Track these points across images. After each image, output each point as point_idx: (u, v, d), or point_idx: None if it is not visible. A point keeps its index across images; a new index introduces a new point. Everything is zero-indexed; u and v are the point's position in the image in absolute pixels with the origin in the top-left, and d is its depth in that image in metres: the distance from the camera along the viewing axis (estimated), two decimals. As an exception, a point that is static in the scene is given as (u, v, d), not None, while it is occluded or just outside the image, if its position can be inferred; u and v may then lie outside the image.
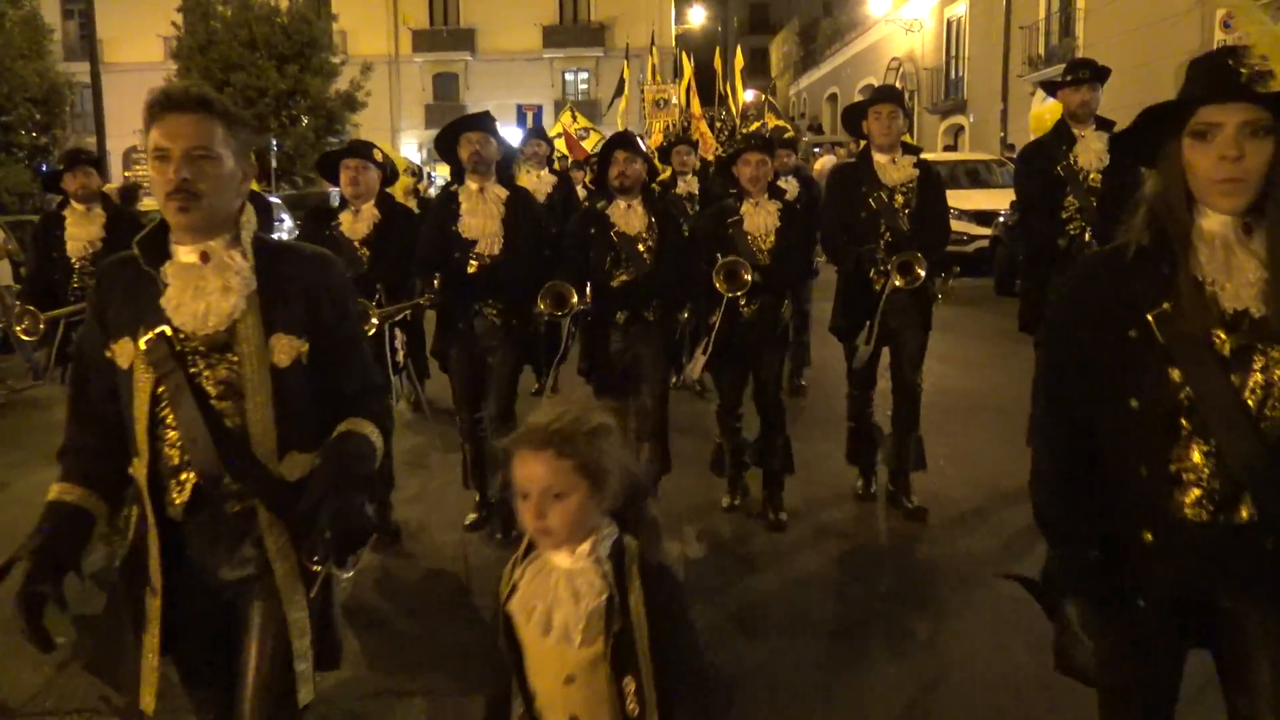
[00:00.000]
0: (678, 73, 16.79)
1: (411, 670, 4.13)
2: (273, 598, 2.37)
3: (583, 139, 13.86)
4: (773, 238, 5.49)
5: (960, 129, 31.26)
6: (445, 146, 5.43)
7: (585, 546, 1.99)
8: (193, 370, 2.29)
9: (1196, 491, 2.03)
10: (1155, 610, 2.13)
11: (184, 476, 2.31)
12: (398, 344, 5.30)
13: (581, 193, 9.15)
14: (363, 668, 4.12)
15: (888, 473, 5.99)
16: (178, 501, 2.33)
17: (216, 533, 2.36)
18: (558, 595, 1.98)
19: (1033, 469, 2.32)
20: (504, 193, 5.37)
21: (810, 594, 4.86)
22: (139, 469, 2.35)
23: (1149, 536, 2.08)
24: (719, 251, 5.43)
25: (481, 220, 5.29)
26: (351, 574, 2.37)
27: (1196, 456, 2.03)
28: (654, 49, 19.25)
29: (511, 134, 17.41)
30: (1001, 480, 6.15)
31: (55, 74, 24.18)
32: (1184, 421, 2.03)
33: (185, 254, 2.32)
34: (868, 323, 5.54)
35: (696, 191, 8.58)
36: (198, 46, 27.94)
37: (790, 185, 8.08)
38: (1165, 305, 2.02)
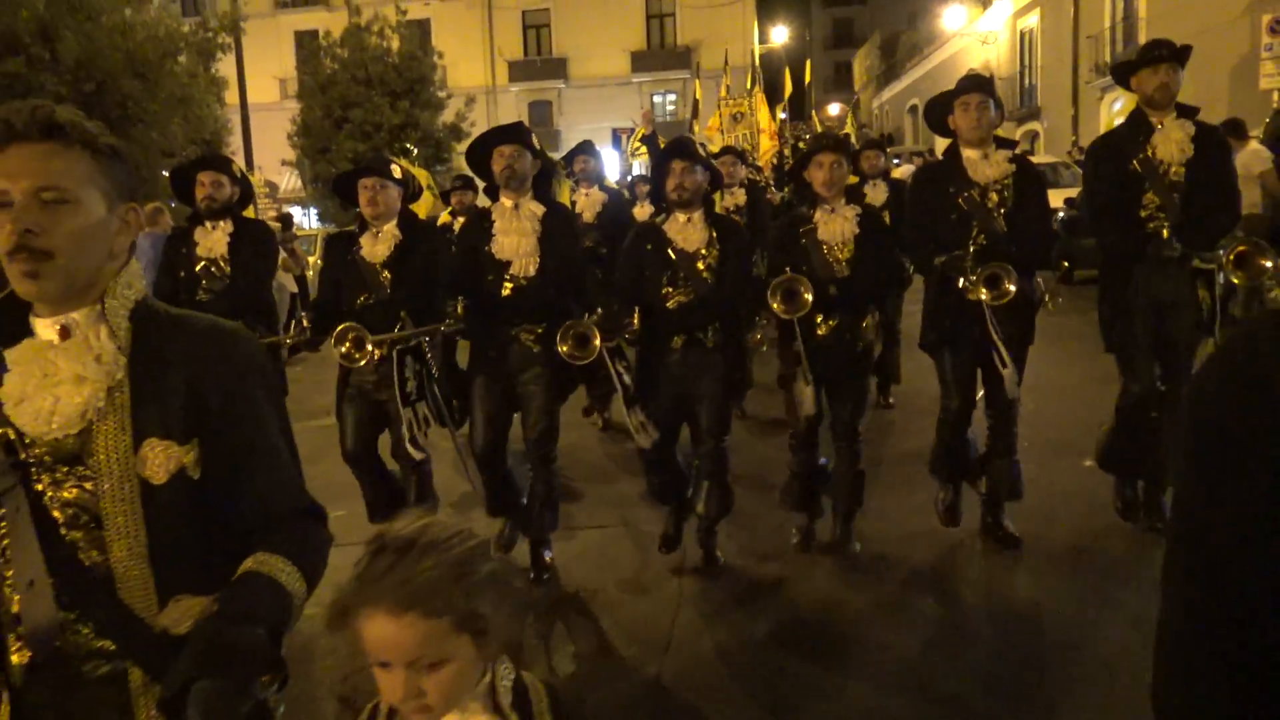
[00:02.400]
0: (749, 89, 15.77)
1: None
2: None
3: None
4: (851, 247, 4.48)
5: (1035, 135, 30.47)
6: (477, 160, 4.52)
7: (477, 703, 1.41)
8: (38, 488, 1.57)
9: None
10: None
11: (24, 629, 1.56)
12: (408, 373, 4.37)
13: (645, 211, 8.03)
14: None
15: (980, 500, 4.85)
16: (16, 661, 1.57)
17: (71, 703, 1.59)
18: None
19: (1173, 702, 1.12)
20: (540, 209, 4.44)
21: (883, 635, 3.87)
22: None
23: None
24: (790, 265, 4.41)
25: (516, 239, 4.38)
26: None
27: None
28: (727, 67, 18.12)
29: (609, 156, 16.64)
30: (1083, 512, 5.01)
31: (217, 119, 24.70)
32: None
33: (45, 328, 1.61)
34: (996, 347, 4.43)
35: (744, 204, 7.45)
36: (318, 86, 28.17)
37: (878, 190, 7.01)
38: None
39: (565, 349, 4.22)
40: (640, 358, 4.63)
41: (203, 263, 4.99)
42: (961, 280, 4.35)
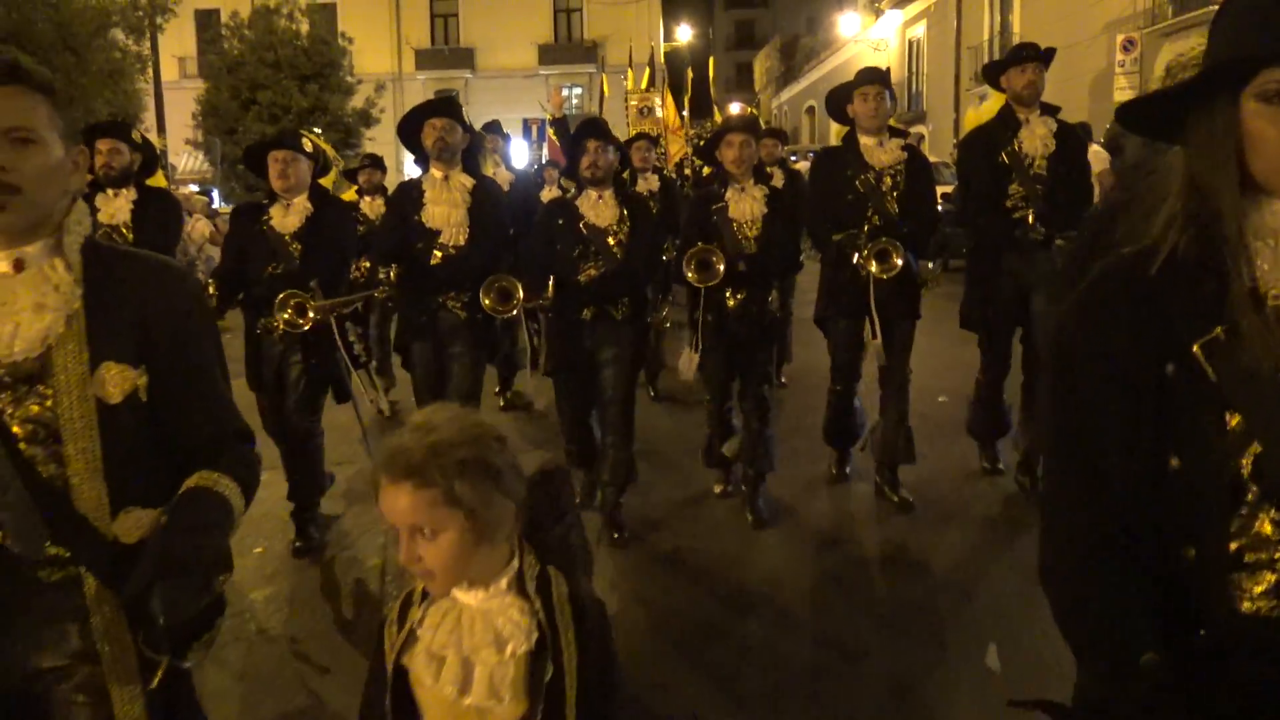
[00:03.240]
0: (656, 84, 15.91)
1: None
2: (98, 689, 1.68)
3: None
4: (759, 225, 4.67)
5: (921, 137, 31.50)
6: (409, 133, 4.59)
7: (503, 581, 1.50)
8: None
9: (1270, 577, 1.30)
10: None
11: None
12: (351, 338, 4.43)
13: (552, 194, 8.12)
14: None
15: (875, 464, 5.15)
16: None
17: (28, 606, 1.67)
18: (475, 642, 1.47)
19: (1045, 560, 1.47)
20: (470, 182, 4.55)
21: (795, 591, 4.10)
22: None
23: (1204, 633, 1.34)
24: (702, 241, 4.61)
25: (446, 210, 4.47)
26: (196, 663, 1.64)
27: (1267, 529, 1.29)
28: (632, 63, 18.28)
29: (519, 146, 16.57)
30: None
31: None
32: (1250, 484, 1.29)
33: None
34: (859, 309, 4.73)
35: (657, 189, 7.60)
36: (225, 67, 27.34)
37: (775, 178, 7.23)
38: (1217, 331, 1.29)
39: (489, 302, 4.35)
40: (551, 328, 4.76)
41: (104, 229, 4.86)
42: (855, 256, 4.62)
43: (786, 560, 4.45)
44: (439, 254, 4.46)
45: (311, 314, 4.21)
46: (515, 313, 4.43)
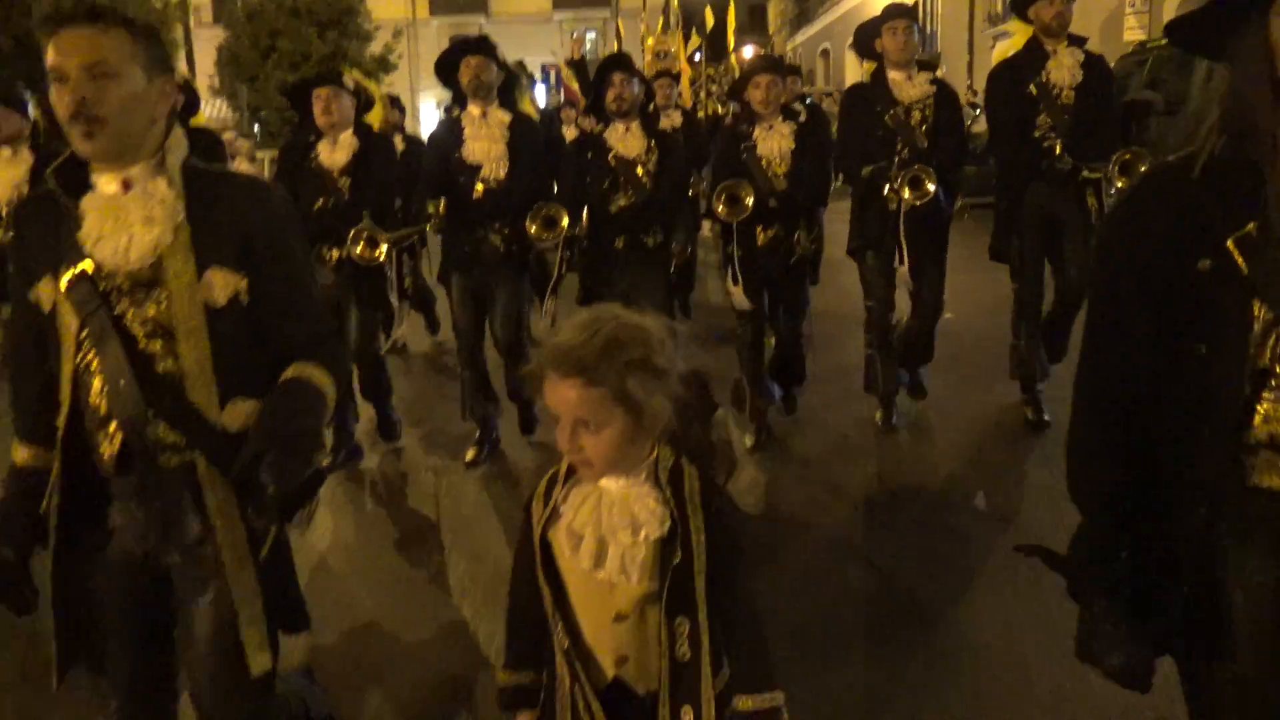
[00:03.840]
0: (671, 26, 15.67)
1: (398, 632, 3.42)
2: (214, 560, 1.89)
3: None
4: (788, 161, 4.70)
5: None
6: (446, 71, 4.64)
7: (641, 471, 1.58)
8: (118, 310, 1.84)
9: None
10: (1245, 603, 1.50)
11: (112, 428, 1.85)
12: (405, 270, 4.57)
13: (571, 134, 8.09)
14: (343, 630, 3.41)
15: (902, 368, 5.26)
16: (106, 455, 1.86)
17: (150, 489, 1.88)
18: (612, 524, 1.57)
19: (1072, 432, 1.69)
20: (506, 117, 4.62)
21: (818, 546, 4.04)
22: (60, 418, 1.89)
23: (1203, 511, 1.51)
24: (731, 178, 4.65)
25: (485, 145, 4.55)
26: (302, 531, 1.86)
27: None
28: (645, 4, 18.02)
29: (538, 92, 16.50)
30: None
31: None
32: (1275, 368, 1.44)
33: (105, 184, 1.86)
34: (890, 240, 4.74)
35: (680, 125, 7.60)
36: (245, 15, 27.07)
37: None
38: (1250, 226, 1.43)
39: (535, 229, 4.46)
40: (586, 258, 4.87)
41: None
42: (886, 187, 4.65)
43: (823, 489, 4.49)
44: (480, 187, 4.54)
45: (383, 246, 4.32)
46: (559, 241, 4.51)
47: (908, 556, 3.78)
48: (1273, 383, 1.43)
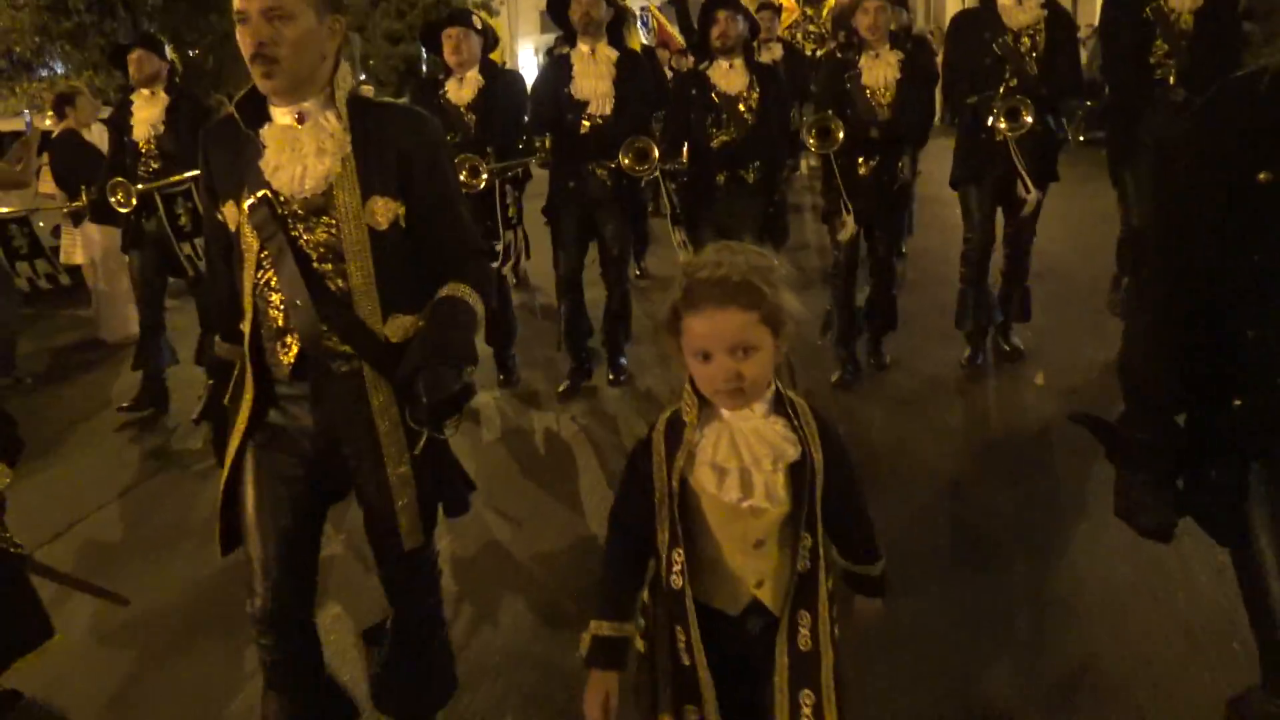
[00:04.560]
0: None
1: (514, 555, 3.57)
2: (377, 454, 2.09)
3: None
4: (893, 90, 4.60)
5: None
6: (557, 8, 4.69)
7: (762, 405, 1.62)
8: (293, 233, 2.01)
9: None
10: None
11: (289, 339, 2.04)
12: (509, 200, 4.69)
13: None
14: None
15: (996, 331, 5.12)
16: (284, 362, 2.05)
17: (327, 393, 2.08)
18: (754, 454, 1.60)
19: (1129, 319, 1.84)
20: (614, 54, 4.68)
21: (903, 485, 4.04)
22: (245, 325, 2.09)
23: (1239, 403, 1.64)
24: (834, 108, 4.60)
25: (593, 82, 4.63)
26: (452, 433, 1.96)
27: None
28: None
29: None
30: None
31: None
32: None
33: (281, 116, 2.02)
34: (1020, 175, 4.59)
35: (780, 58, 7.46)
36: (351, -35, 27.40)
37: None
38: None
39: (627, 161, 4.53)
40: (687, 192, 4.90)
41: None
42: (990, 118, 4.52)
43: (918, 428, 4.45)
44: (587, 124, 4.62)
45: (484, 175, 4.44)
46: (654, 173, 4.57)
47: (1002, 495, 3.74)
48: None
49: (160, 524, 4.03)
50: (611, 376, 5.12)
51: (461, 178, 4.52)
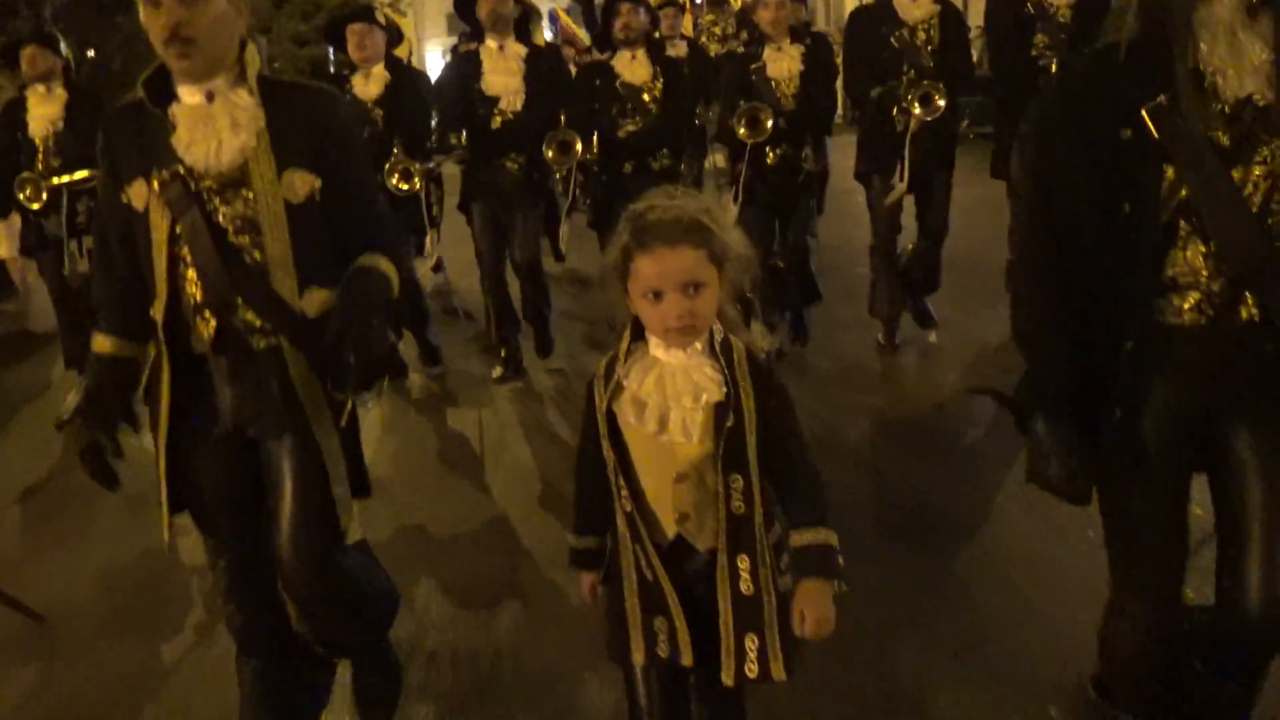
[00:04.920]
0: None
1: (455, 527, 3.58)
2: (301, 429, 2.08)
3: None
4: (796, 82, 4.73)
5: None
6: (465, 6, 4.72)
7: (699, 344, 1.66)
8: (209, 208, 2.02)
9: (1194, 296, 1.72)
10: (1154, 428, 1.79)
11: (207, 314, 2.05)
12: (433, 199, 4.73)
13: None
14: (396, 527, 3.55)
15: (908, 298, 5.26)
16: (205, 336, 2.06)
17: (242, 369, 2.08)
18: (676, 391, 1.66)
19: (1013, 285, 1.99)
20: (523, 50, 4.71)
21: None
22: (157, 310, 2.08)
23: (1130, 346, 1.76)
24: (742, 99, 4.67)
25: (504, 78, 4.66)
26: (374, 404, 1.93)
27: (1195, 259, 1.70)
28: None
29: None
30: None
31: None
32: (1181, 223, 1.69)
33: (190, 95, 2.02)
34: (898, 162, 4.74)
35: (685, 55, 7.52)
36: (251, -33, 26.71)
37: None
38: (1161, 98, 1.66)
39: (551, 154, 4.60)
40: (596, 183, 5.01)
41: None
42: (896, 107, 4.65)
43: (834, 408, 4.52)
44: (498, 119, 4.66)
45: (416, 178, 4.49)
46: (573, 165, 4.65)
47: (922, 472, 3.82)
48: (1181, 234, 1.69)
49: (75, 518, 3.86)
50: (541, 355, 5.18)
51: (394, 182, 4.59)
